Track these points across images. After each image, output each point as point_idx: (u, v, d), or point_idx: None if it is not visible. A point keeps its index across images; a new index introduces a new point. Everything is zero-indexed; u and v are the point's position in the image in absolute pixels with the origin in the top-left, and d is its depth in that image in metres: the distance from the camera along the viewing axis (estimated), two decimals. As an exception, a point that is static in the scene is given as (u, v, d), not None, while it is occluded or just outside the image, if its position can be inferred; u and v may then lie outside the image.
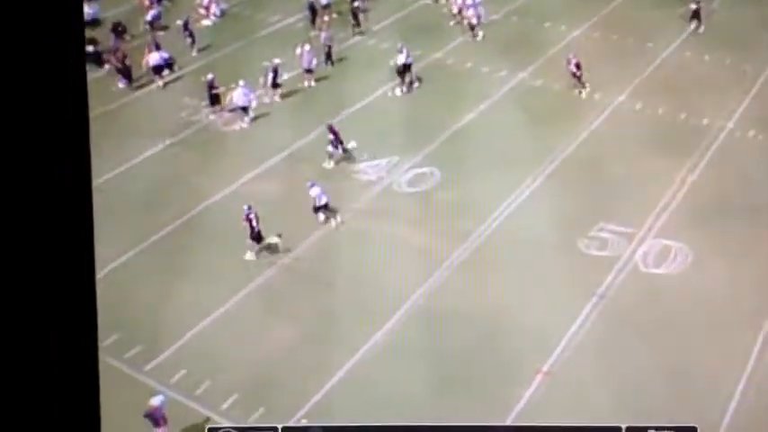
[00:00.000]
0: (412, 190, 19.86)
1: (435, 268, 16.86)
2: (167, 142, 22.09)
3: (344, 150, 20.57)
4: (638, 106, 23.20)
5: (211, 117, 23.26)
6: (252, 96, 23.06)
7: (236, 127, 23.04)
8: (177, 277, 16.60)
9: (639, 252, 17.05)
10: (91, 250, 1.22)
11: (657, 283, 16.15)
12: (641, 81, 24.47)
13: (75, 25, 1.09)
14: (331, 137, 20.53)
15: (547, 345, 14.65)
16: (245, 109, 23.06)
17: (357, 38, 28.07)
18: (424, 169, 20.65)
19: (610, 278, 16.37)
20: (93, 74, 26.34)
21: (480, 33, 28.00)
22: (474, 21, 27.86)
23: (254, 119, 23.30)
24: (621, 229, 17.78)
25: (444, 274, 16.73)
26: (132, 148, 21.51)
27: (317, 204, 18.64)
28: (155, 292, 16.21)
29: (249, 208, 17.53)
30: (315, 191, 18.70)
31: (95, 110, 23.61)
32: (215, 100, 23.24)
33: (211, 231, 18.15)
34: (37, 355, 1.17)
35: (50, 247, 1.13)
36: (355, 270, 16.79)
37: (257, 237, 17.47)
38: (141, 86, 25.47)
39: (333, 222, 18.47)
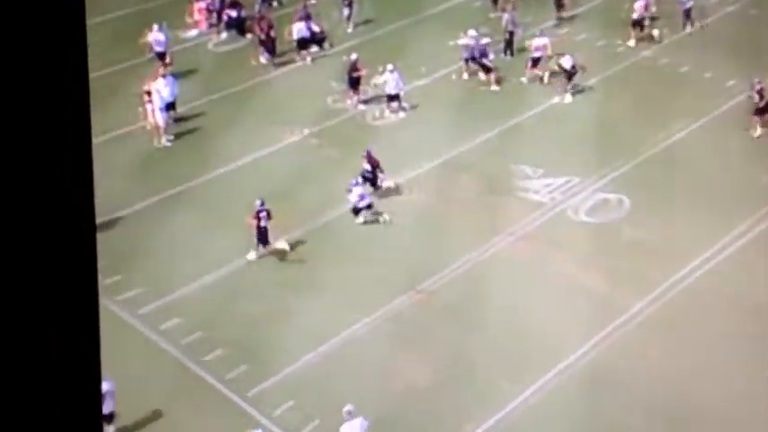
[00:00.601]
0: (591, 220, 19.49)
1: (608, 321, 16.42)
2: (306, 132, 23.08)
3: (375, 186, 20.00)
4: None
5: (361, 107, 24.06)
6: (402, 84, 23.54)
7: (388, 122, 23.67)
8: (296, 291, 17.32)
9: None
10: (93, 250, 1.41)
11: None
12: None
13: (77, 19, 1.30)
14: (366, 167, 20.05)
15: (745, 441, 13.82)
16: (394, 98, 23.69)
17: (548, 23, 27.97)
18: (610, 196, 20.19)
19: None
20: (233, 44, 28.09)
21: (656, 33, 26.85)
22: (636, 16, 26.54)
23: (405, 109, 23.83)
24: None
25: (619, 330, 16.25)
26: (265, 136, 22.65)
27: (358, 206, 19.02)
28: (269, 305, 16.99)
29: (262, 203, 17.91)
30: (356, 192, 19.05)
31: (229, 87, 25.14)
32: (355, 84, 23.93)
33: (343, 243, 18.78)
34: (34, 358, 1.40)
35: (50, 249, 1.34)
36: (507, 309, 16.73)
37: (263, 238, 17.81)
38: (285, 63, 26.79)
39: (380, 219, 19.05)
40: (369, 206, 19.24)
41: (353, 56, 24.24)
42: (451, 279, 17.62)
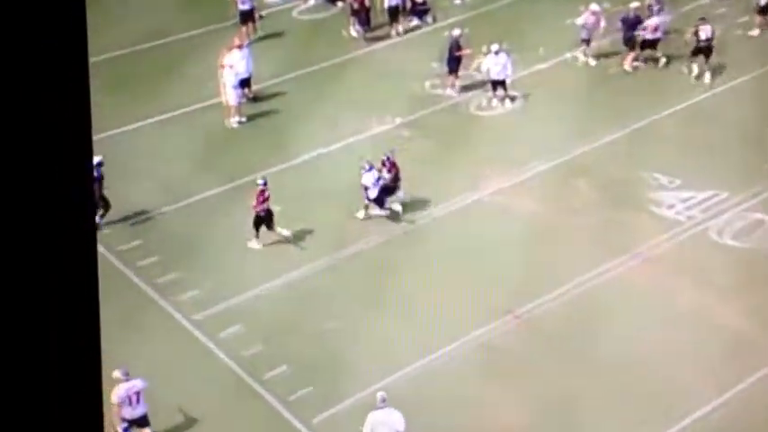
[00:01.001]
0: (738, 244, 19.31)
1: (750, 370, 16.25)
2: (398, 121, 23.53)
3: (392, 193, 20.17)
4: None
5: (451, 93, 24.13)
6: (509, 68, 23.76)
7: (495, 113, 23.95)
8: (375, 306, 17.76)
9: None
10: (94, 250, 1.73)
11: None
12: None
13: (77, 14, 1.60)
14: (386, 175, 20.07)
15: None
16: (499, 84, 23.91)
17: (703, 1, 27.73)
18: (765, 217, 19.98)
19: None
20: (322, 12, 28.88)
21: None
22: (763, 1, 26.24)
23: (513, 99, 24.03)
24: None
25: (764, 382, 16.08)
26: (349, 123, 23.16)
27: (368, 196, 19.54)
28: (343, 319, 17.51)
29: (265, 183, 18.94)
30: (368, 178, 19.51)
31: (313, 63, 25.83)
32: (456, 66, 24.26)
33: (432, 252, 19.14)
34: (35, 355, 1.74)
35: (49, 248, 1.67)
36: (625, 345, 16.78)
37: (268, 220, 18.92)
38: (379, 38, 27.42)
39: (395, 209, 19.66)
40: (377, 200, 19.73)
41: (456, 32, 24.55)
42: (558, 304, 17.79)
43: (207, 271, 18.74)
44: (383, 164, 20.11)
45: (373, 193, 19.75)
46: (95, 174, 18.82)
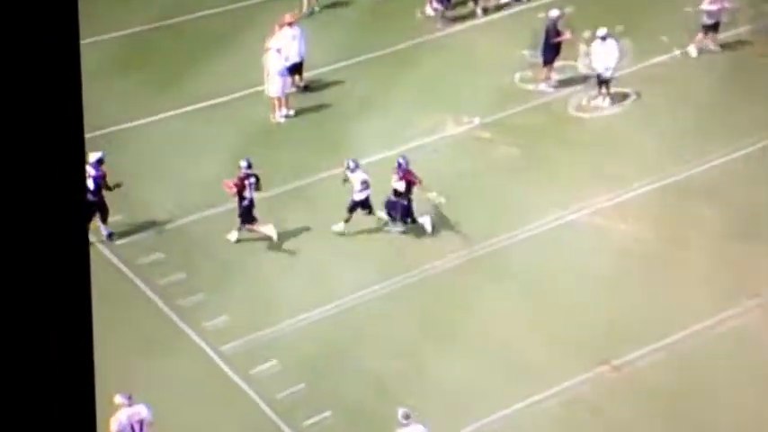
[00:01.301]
0: None
1: None
2: (477, 121, 23.63)
3: (410, 219, 20.23)
4: None
5: (547, 89, 24.31)
6: (613, 59, 23.58)
7: (598, 114, 23.99)
8: (438, 342, 17.92)
9: None
10: (86, 252, 1.96)
11: None
12: None
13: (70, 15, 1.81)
14: (398, 186, 20.11)
15: None
16: (603, 83, 23.77)
17: None
18: None
19: None
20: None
21: None
22: None
23: (623, 98, 24.03)
24: None
25: None
26: (418, 122, 23.33)
27: (355, 199, 19.91)
28: (398, 357, 17.68)
29: (249, 166, 19.65)
30: (359, 177, 19.88)
31: (378, 48, 26.04)
32: (553, 54, 24.37)
33: (512, 279, 19.25)
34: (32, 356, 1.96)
35: (43, 249, 1.90)
36: (746, 409, 16.73)
37: (246, 213, 19.76)
38: (461, 18, 27.56)
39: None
40: (364, 204, 20.04)
41: (554, 13, 24.61)
42: (666, 356, 17.80)
43: (239, 293, 19.03)
44: (395, 170, 20.22)
45: (359, 197, 20.03)
46: (95, 172, 19.36)
